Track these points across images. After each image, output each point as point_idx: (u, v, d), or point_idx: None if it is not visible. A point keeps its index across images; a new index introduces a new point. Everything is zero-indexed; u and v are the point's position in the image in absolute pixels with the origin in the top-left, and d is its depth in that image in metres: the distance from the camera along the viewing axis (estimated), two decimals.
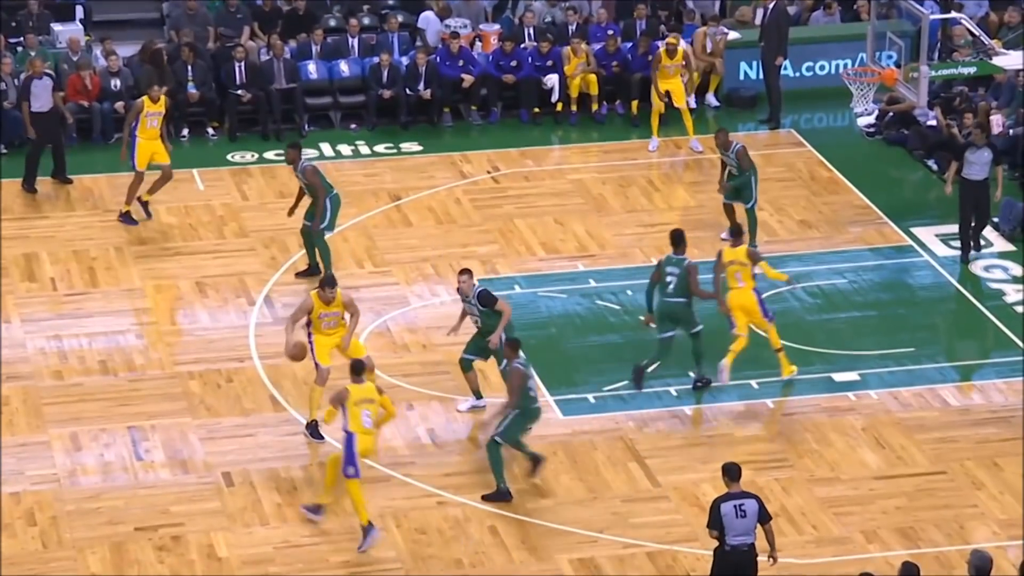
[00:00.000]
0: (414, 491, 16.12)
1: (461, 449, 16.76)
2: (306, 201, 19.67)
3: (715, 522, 13.63)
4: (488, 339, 16.84)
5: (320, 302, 16.66)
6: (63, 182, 22.24)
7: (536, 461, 16.28)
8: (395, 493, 16.09)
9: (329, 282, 16.74)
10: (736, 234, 18.41)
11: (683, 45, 24.71)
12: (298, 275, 19.80)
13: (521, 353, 16.05)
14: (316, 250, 19.61)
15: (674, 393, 17.67)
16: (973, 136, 20.44)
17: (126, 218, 21.02)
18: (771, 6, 24.32)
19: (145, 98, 20.73)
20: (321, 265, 19.50)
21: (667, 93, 23.20)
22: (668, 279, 17.55)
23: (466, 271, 17.09)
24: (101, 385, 17.80)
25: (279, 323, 18.79)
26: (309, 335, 16.78)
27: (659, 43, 24.89)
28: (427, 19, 25.57)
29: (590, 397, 17.66)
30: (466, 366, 17.18)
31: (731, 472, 13.74)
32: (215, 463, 16.51)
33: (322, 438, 16.74)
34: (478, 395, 17.31)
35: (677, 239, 17.80)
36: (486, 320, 16.89)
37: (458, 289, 17.05)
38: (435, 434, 17.01)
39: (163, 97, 20.87)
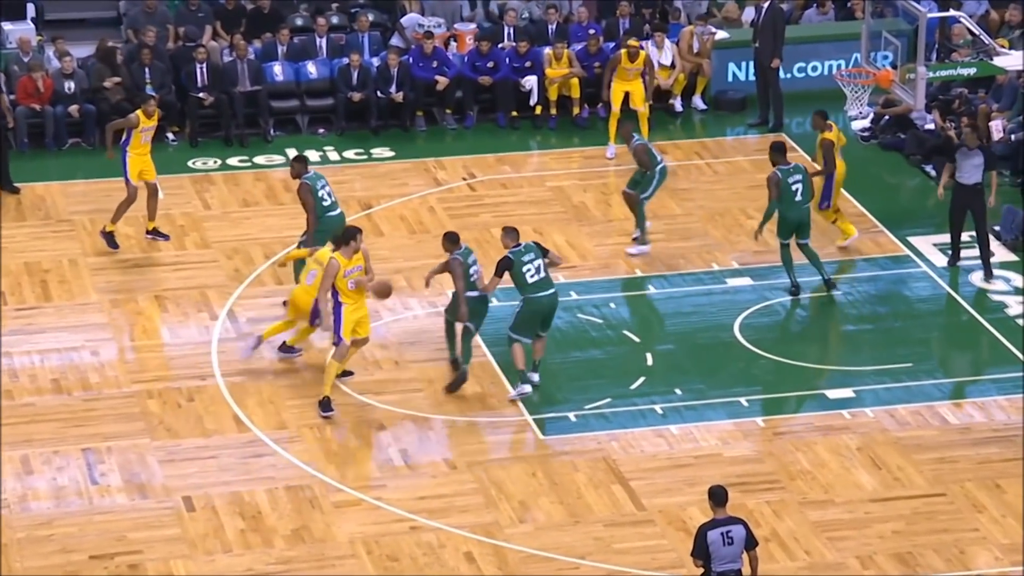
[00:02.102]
0: (385, 516, 16.11)
1: (435, 471, 16.76)
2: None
3: (700, 550, 13.64)
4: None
5: (343, 259, 17.13)
6: (9, 191, 22.18)
7: (460, 378, 17.75)
8: (365, 518, 16.08)
9: (350, 233, 17.30)
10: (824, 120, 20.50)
11: (669, 45, 24.77)
12: None
13: (462, 244, 17.60)
14: None
15: (659, 411, 17.70)
16: (964, 137, 20.56)
17: (109, 239, 20.64)
18: (766, 6, 24.35)
19: (140, 112, 20.32)
20: None
21: (625, 95, 23.23)
22: (795, 187, 19.38)
23: (504, 229, 17.80)
24: (54, 405, 17.75)
25: (243, 339, 18.79)
26: (337, 305, 17.12)
27: (644, 44, 24.96)
28: (412, 19, 25.55)
29: (571, 416, 17.68)
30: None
31: (717, 496, 13.75)
32: (175, 487, 16.48)
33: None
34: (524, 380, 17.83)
35: (781, 148, 19.63)
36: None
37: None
38: (408, 455, 17.01)
39: (156, 110, 20.57)
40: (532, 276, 17.55)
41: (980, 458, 16.96)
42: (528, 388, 17.79)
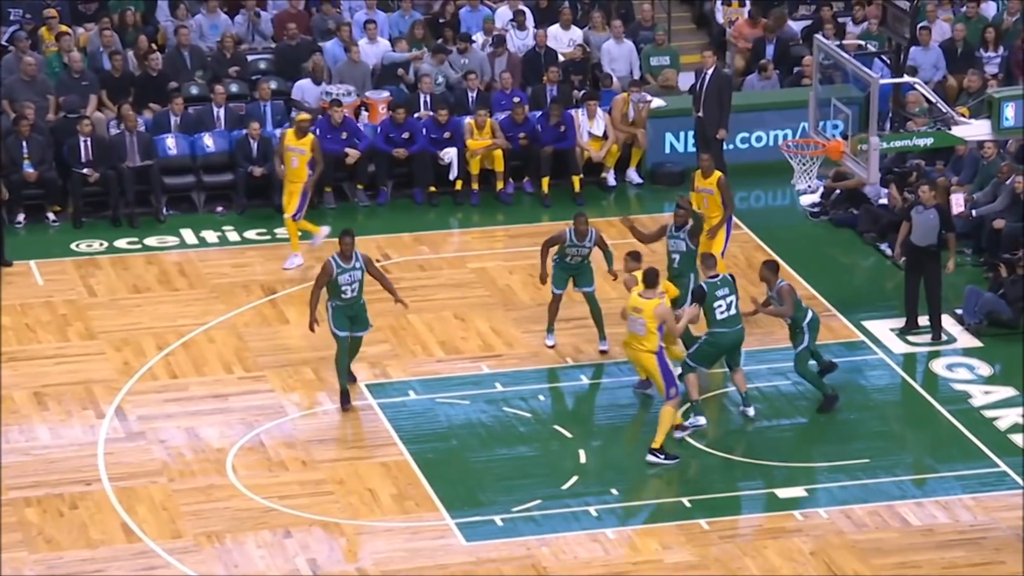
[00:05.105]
0: None
1: None
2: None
3: None
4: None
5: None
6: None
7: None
8: None
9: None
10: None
11: (601, 114, 24.97)
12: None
13: (780, 272, 19.62)
14: None
15: (594, 513, 17.77)
16: (921, 195, 20.97)
17: None
18: (710, 72, 24.62)
19: None
20: None
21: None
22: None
23: (702, 256, 19.78)
24: None
25: (132, 438, 18.76)
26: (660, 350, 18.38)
27: (572, 111, 25.23)
28: (302, 88, 25.69)
29: (497, 519, 17.72)
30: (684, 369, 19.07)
31: None
32: None
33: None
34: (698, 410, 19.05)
35: (691, 229, 20.48)
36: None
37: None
38: (317, 565, 16.98)
39: None
40: (722, 312, 18.88)
41: (944, 563, 17.09)
42: (703, 420, 18.88)
